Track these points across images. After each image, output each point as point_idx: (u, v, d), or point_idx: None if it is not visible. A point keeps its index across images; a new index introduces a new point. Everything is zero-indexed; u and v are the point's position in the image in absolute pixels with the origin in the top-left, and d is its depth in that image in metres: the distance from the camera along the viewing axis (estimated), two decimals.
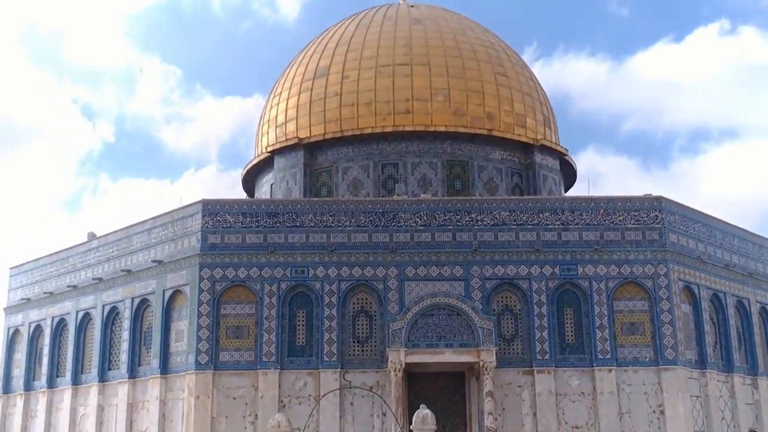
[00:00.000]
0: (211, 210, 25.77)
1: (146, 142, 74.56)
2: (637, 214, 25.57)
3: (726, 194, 64.21)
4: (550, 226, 25.45)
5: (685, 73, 68.11)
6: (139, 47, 76.70)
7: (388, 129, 32.32)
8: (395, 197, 27.48)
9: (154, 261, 26.72)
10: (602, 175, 67.24)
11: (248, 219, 25.73)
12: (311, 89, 34.24)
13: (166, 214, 27.11)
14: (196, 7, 74.56)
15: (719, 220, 27.96)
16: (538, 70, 37.65)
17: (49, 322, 30.66)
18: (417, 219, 25.60)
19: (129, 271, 27.61)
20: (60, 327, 30.35)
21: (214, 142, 74.62)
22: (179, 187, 69.25)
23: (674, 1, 70.66)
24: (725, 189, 64.90)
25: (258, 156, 35.82)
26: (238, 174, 38.04)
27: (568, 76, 68.17)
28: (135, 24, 75.77)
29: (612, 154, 68.72)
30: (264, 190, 35.81)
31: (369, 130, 32.43)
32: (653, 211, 25.58)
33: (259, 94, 68.58)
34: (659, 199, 25.74)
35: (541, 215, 25.57)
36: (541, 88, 37.12)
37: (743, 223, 29.22)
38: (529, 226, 25.48)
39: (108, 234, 29.11)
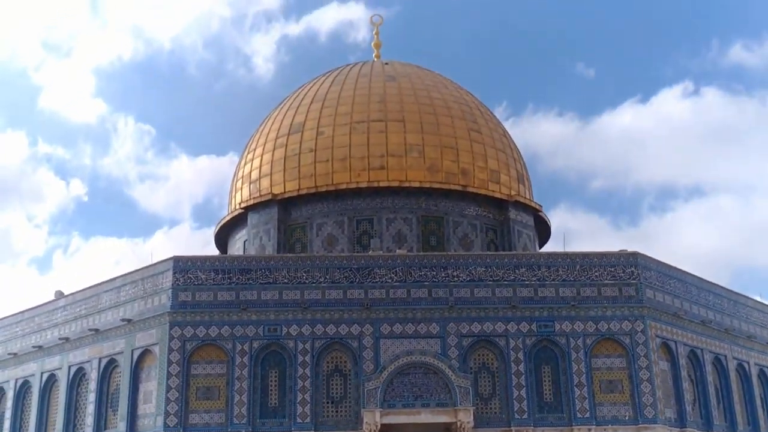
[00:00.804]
0: (183, 267, 25.25)
1: (119, 200, 74.42)
2: (613, 270, 25.45)
3: (696, 251, 64.87)
4: (527, 282, 25.22)
5: (650, 132, 69.55)
6: (114, 106, 76.98)
7: (363, 185, 32.20)
8: (370, 253, 27.17)
9: (123, 320, 26.03)
10: (574, 233, 67.78)
11: (220, 276, 25.24)
12: (286, 145, 34.14)
13: (136, 271, 26.54)
14: (172, 67, 75.25)
15: (694, 276, 27.93)
16: (508, 128, 38.05)
17: (12, 384, 29.65)
18: (392, 275, 25.26)
19: (97, 330, 26.86)
20: (24, 389, 29.35)
21: (187, 201, 74.98)
22: (151, 245, 68.74)
23: (639, 64, 72.44)
24: (695, 246, 65.58)
25: (231, 212, 35.45)
26: (211, 232, 37.66)
27: (538, 135, 69.12)
28: (111, 83, 76.17)
29: (582, 212, 69.48)
30: (237, 246, 35.35)
31: (344, 186, 32.28)
32: (629, 267, 25.49)
33: (234, 153, 69.25)
34: (635, 255, 25.68)
35: (517, 271, 25.37)
36: (515, 145, 37.33)
37: (714, 279, 29.27)
38: (506, 282, 25.23)
39: (76, 292, 28.40)
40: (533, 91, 71.46)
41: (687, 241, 65.20)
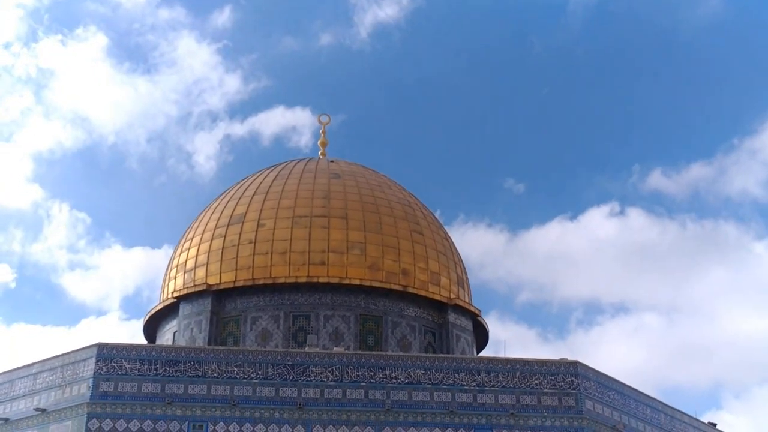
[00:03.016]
0: (107, 355, 23.87)
1: (47, 288, 72.13)
2: (553, 378, 25.02)
3: (622, 367, 65.22)
4: (466, 387, 24.54)
5: (577, 249, 71.05)
6: (51, 192, 75.37)
7: (302, 279, 31.50)
8: (306, 349, 26.23)
9: (36, 409, 24.27)
10: (504, 343, 67.51)
11: (146, 366, 23.91)
12: (225, 236, 33.41)
13: (55, 357, 24.98)
14: (113, 159, 74.56)
15: (633, 389, 27.64)
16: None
17: None
18: (328, 374, 24.32)
19: (7, 419, 24.95)
20: None
21: (117, 292, 73.34)
22: (76, 333, 66.27)
23: (569, 183, 74.89)
24: (621, 362, 66.00)
25: (163, 301, 34.18)
26: (140, 324, 36.17)
27: (468, 246, 69.84)
28: (49, 169, 74.87)
29: (512, 323, 69.73)
30: (166, 338, 33.91)
31: (282, 280, 31.52)
32: (569, 376, 25.10)
33: (168, 246, 68.23)
34: (575, 364, 25.35)
35: (456, 375, 24.71)
36: (455, 249, 37.32)
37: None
38: (444, 387, 24.51)
39: None
40: (464, 201, 72.95)
41: (613, 357, 65.68)
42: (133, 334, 73.34)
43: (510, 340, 68.80)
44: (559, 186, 74.75)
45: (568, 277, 71.23)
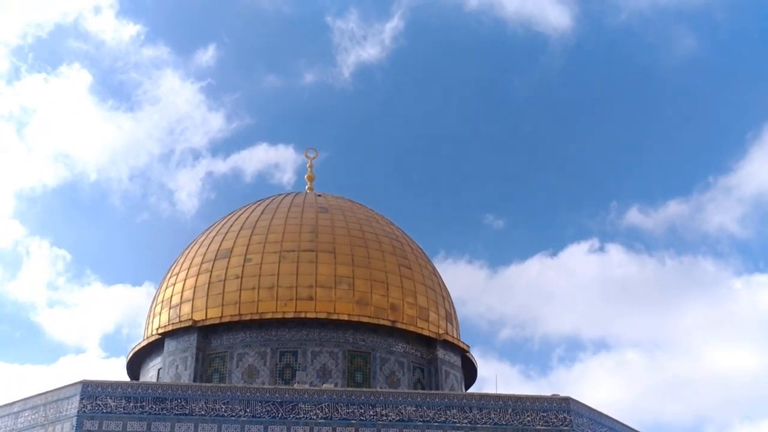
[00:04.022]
0: (91, 392, 23.34)
1: (26, 326, 71.27)
2: (545, 414, 24.72)
3: (604, 403, 64.85)
4: (458, 425, 24.17)
5: (557, 285, 71.11)
6: (30, 229, 74.63)
7: (290, 315, 31.10)
8: (295, 386, 25.79)
9: None
10: (487, 380, 67.12)
11: (131, 404, 23.40)
12: (211, 270, 33.02)
13: (38, 395, 24.40)
14: (95, 197, 74.11)
15: (625, 425, 27.37)
16: None
17: None
18: (318, 411, 23.89)
19: None
20: None
21: (97, 330, 72.75)
22: (55, 371, 65.26)
23: (548, 219, 75.18)
24: (603, 398, 65.70)
25: (147, 338, 33.61)
26: (120, 362, 35.61)
27: (448, 282, 69.64)
28: (31, 206, 74.20)
29: (495, 360, 69.42)
30: (150, 375, 33.29)
31: (269, 315, 31.10)
32: (562, 413, 24.81)
33: (150, 283, 68.32)
34: (567, 400, 25.07)
35: (448, 412, 24.34)
36: (444, 284, 37.09)
37: None
38: (436, 424, 24.13)
39: None
40: (445, 237, 73.02)
41: (596, 394, 65.27)
42: (112, 372, 72.66)
43: (493, 378, 68.37)
44: (539, 222, 75.19)
45: (549, 313, 71.33)
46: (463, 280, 68.85)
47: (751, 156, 69.44)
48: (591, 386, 67.06)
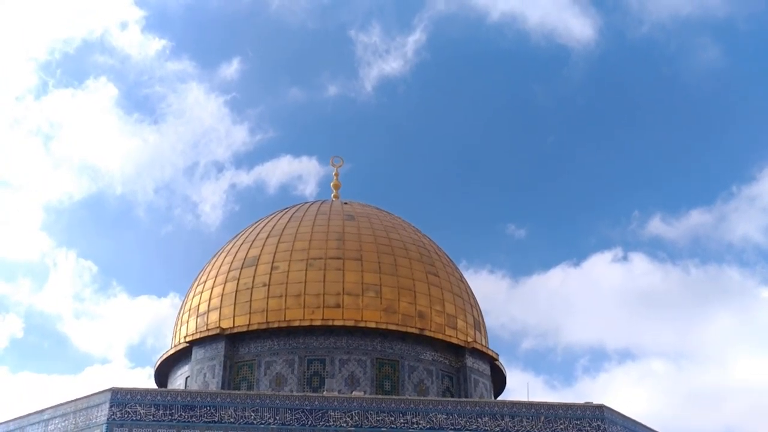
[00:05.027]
0: (121, 400, 23.29)
1: (53, 337, 71.83)
2: (579, 423, 24.31)
3: (631, 414, 64.03)
4: None
5: (581, 295, 70.48)
6: (57, 241, 75.38)
7: (317, 323, 30.94)
8: (324, 394, 25.59)
9: None
10: (512, 391, 66.58)
11: (161, 411, 23.31)
12: (238, 279, 32.97)
13: (68, 402, 24.39)
14: (120, 209, 74.71)
15: None
16: None
17: None
18: (347, 418, 23.66)
19: None
20: None
21: (122, 341, 73.19)
22: (81, 382, 65.67)
23: (570, 229, 74.60)
24: (629, 409, 64.64)
25: (175, 346, 33.58)
26: (145, 373, 35.73)
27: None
28: (58, 218, 74.91)
29: (518, 371, 68.84)
30: (178, 383, 33.24)
31: (297, 323, 30.96)
32: (595, 420, 24.38)
33: (175, 294, 68.86)
34: (601, 408, 24.65)
35: (479, 420, 24.01)
36: (471, 291, 36.76)
37: None
38: (467, 431, 23.85)
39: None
40: (467, 247, 72.64)
41: (622, 404, 64.33)
42: (138, 382, 72.85)
43: (518, 388, 67.83)
44: (561, 232, 74.61)
45: (573, 323, 70.57)
46: (485, 290, 68.32)
47: None
48: (616, 396, 66.27)
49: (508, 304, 69.95)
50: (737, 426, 65.49)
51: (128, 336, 72.56)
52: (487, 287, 68.70)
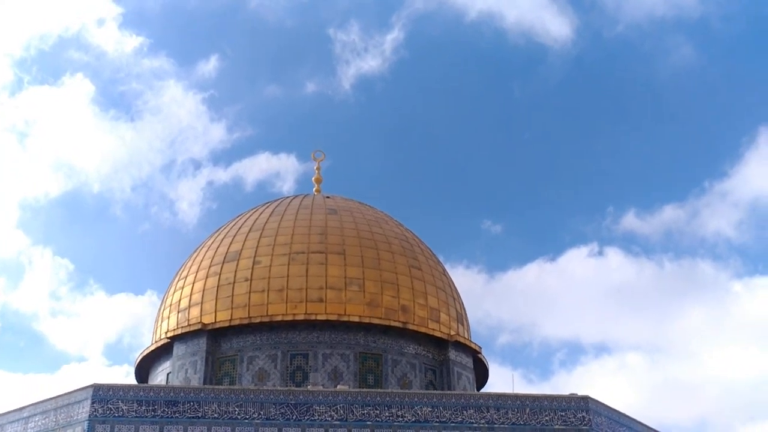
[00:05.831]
0: (103, 396, 22.98)
1: (29, 335, 71.17)
2: (564, 414, 24.33)
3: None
4: (475, 425, 23.78)
5: (557, 290, 70.99)
6: (33, 239, 74.51)
7: (300, 317, 30.74)
8: (309, 388, 25.42)
9: None
10: (492, 384, 66.80)
11: (143, 407, 23.02)
12: (219, 273, 32.67)
13: (48, 399, 24.04)
14: (97, 206, 74.16)
15: (644, 425, 26.98)
16: None
17: None
18: (332, 412, 23.51)
19: None
20: None
21: (99, 339, 72.50)
22: (58, 380, 65.06)
23: (545, 224, 74.94)
24: (606, 401, 65.03)
25: (156, 342, 33.23)
26: (123, 371, 35.41)
27: None
28: (33, 216, 74.08)
29: (496, 365, 69.10)
30: (159, 380, 32.90)
31: (279, 318, 30.74)
32: (580, 412, 24.42)
33: (152, 292, 68.39)
34: (585, 399, 24.69)
35: (465, 412, 23.95)
36: (454, 285, 36.72)
37: None
38: (452, 424, 23.75)
39: None
40: (443, 242, 72.90)
41: (597, 397, 64.76)
42: (117, 380, 72.22)
43: (497, 382, 68.04)
44: (537, 228, 74.97)
45: (549, 317, 71.00)
46: (462, 286, 68.22)
47: (747, 160, 69.75)
48: (592, 389, 66.59)
49: (484, 299, 70.16)
50: (711, 417, 66.26)
51: (105, 334, 72.39)
52: (463, 283, 68.77)
